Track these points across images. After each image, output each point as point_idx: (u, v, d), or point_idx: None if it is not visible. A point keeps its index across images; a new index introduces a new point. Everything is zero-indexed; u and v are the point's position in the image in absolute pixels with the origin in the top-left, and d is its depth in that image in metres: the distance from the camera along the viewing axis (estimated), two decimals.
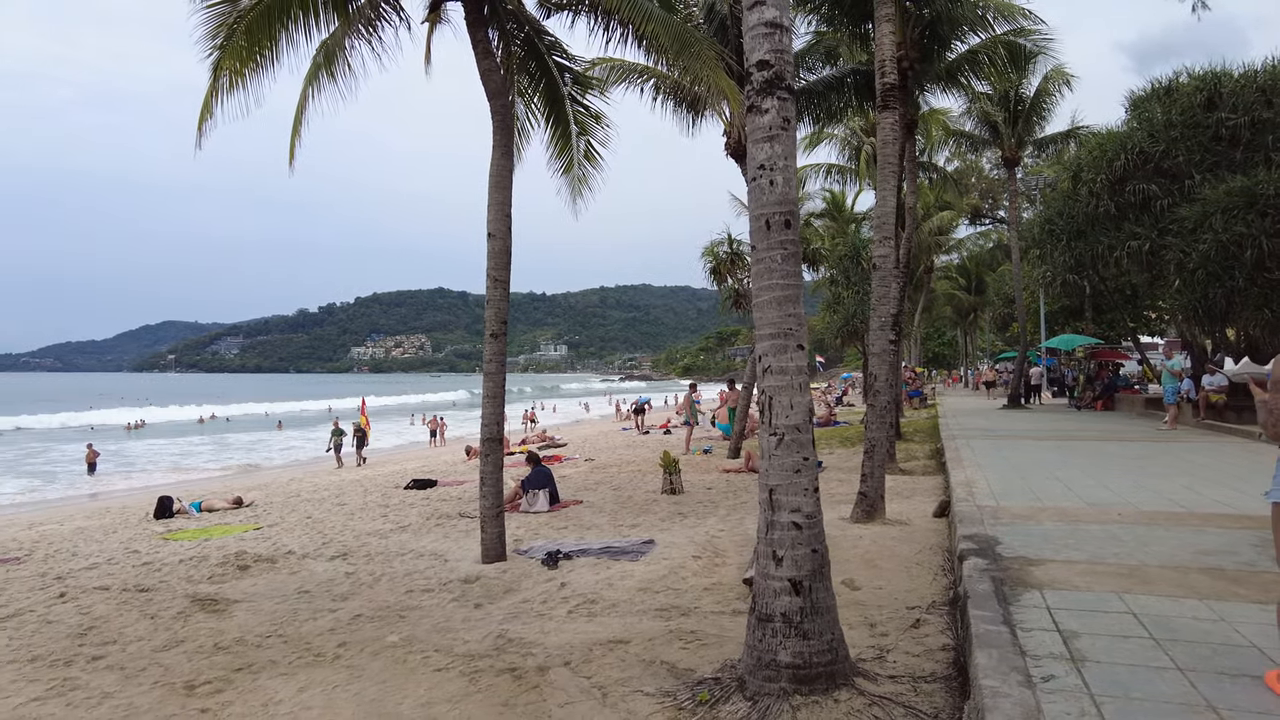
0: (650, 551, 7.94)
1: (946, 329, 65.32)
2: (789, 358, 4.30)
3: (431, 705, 4.28)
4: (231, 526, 11.21)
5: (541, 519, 10.17)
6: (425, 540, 9.11)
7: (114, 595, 6.96)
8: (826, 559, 4.32)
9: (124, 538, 10.81)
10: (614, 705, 4.19)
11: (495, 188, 7.83)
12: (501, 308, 7.82)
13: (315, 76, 8.72)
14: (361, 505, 12.57)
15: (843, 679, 4.07)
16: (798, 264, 4.41)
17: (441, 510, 11.32)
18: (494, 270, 7.78)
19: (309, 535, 9.90)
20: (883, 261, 9.18)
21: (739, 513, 10.10)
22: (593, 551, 7.92)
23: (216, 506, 13.89)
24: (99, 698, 4.63)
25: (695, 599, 6.25)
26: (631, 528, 9.34)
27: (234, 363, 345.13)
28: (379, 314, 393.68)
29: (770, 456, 4.30)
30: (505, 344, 7.86)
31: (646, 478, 13.91)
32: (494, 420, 7.78)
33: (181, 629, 5.88)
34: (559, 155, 10.06)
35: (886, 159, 9.34)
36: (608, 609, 6.02)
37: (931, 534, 8.11)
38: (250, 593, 6.90)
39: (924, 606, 5.69)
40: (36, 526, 13.61)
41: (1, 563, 9.37)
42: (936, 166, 29.01)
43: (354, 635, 5.58)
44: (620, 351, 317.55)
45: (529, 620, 5.79)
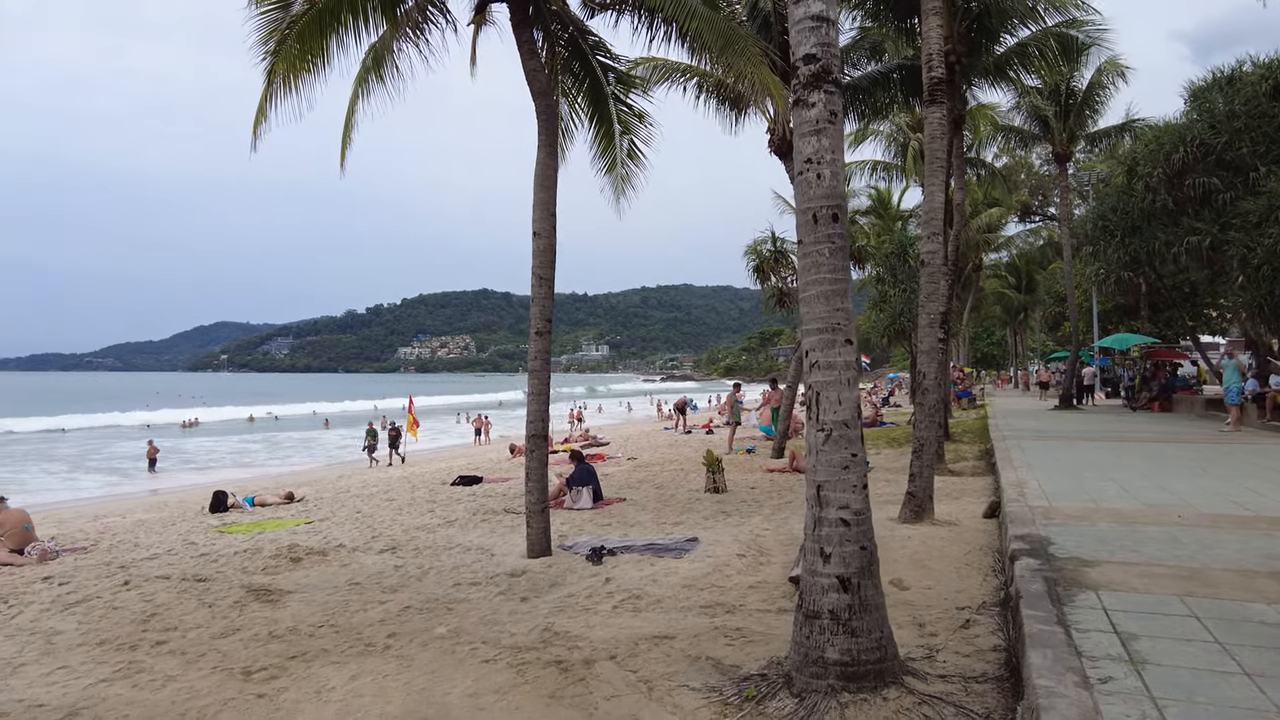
0: (694, 549, 7.93)
1: (996, 329, 64.03)
2: (837, 352, 4.26)
3: (479, 695, 4.33)
4: (284, 520, 11.49)
5: (585, 516, 10.22)
6: (471, 535, 9.22)
7: (174, 584, 7.18)
8: (875, 556, 4.27)
9: (182, 530, 11.15)
10: (660, 699, 4.19)
11: (540, 187, 7.90)
12: (546, 305, 7.88)
13: (364, 80, 8.90)
14: (409, 501, 12.78)
15: (892, 677, 4.02)
16: (846, 258, 4.37)
17: (487, 506, 11.46)
18: (539, 268, 7.85)
19: (358, 529, 10.09)
20: (931, 258, 9.03)
21: (784, 512, 10.03)
22: (637, 548, 7.94)
23: (269, 501, 14.24)
24: (162, 680, 4.78)
25: (740, 596, 6.23)
26: (675, 525, 9.34)
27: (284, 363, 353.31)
28: (425, 315, 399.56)
29: (818, 452, 4.27)
30: (550, 342, 7.92)
31: (689, 476, 13.89)
32: (539, 417, 7.85)
33: (238, 617, 6.05)
34: (602, 154, 10.10)
35: (934, 154, 9.19)
36: (652, 605, 6.03)
37: (981, 535, 7.96)
38: (303, 584, 7.07)
39: (974, 607, 5.59)
40: (101, 519, 14.11)
41: (70, 551, 9.74)
42: (985, 163, 28.46)
43: (403, 626, 5.68)
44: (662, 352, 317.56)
45: (574, 614, 5.83)
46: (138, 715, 4.28)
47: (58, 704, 4.47)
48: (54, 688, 4.73)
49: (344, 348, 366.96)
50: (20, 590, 7.40)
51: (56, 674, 4.98)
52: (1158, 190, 17.88)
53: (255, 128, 7.73)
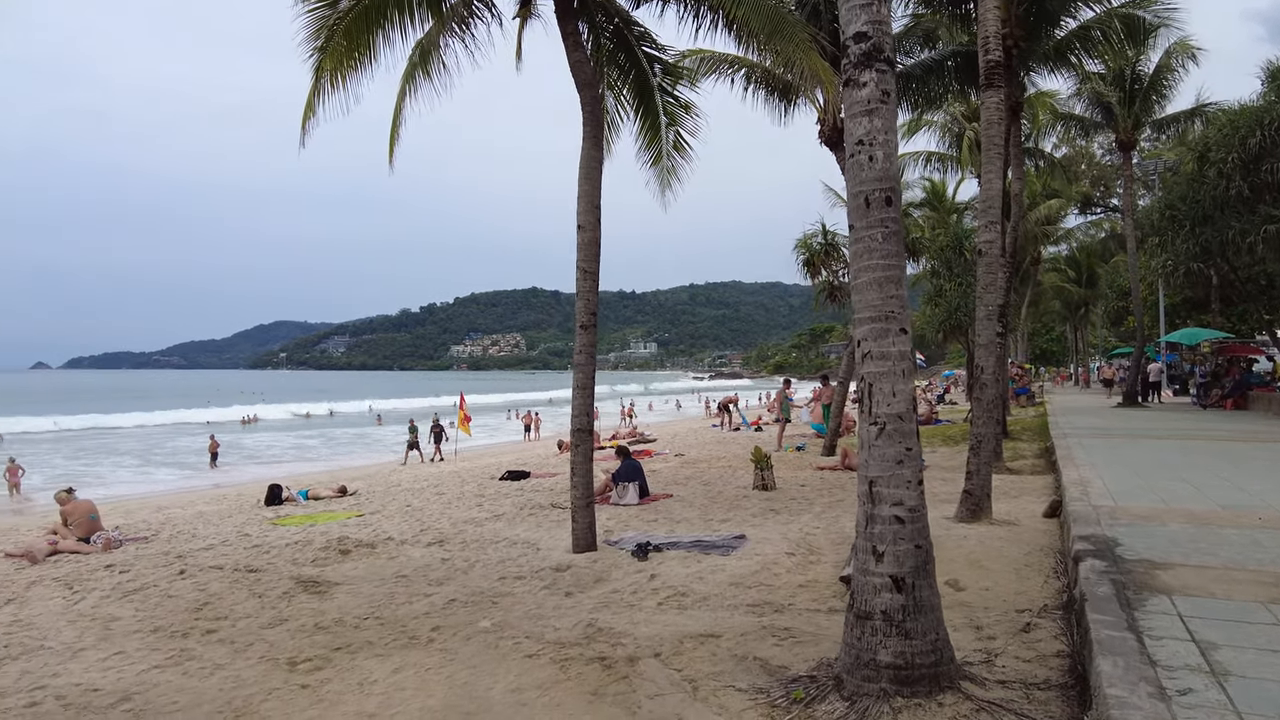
0: (742, 547, 7.78)
1: (1055, 324, 62.08)
2: (890, 342, 4.08)
3: (521, 691, 4.27)
4: (335, 513, 11.66)
5: (631, 511, 10.14)
6: (518, 529, 9.21)
7: (227, 574, 7.31)
8: (930, 555, 4.08)
9: (238, 522, 11.39)
10: (705, 699, 4.07)
11: (584, 179, 7.83)
12: (591, 299, 7.81)
13: (411, 76, 8.94)
14: (458, 495, 12.87)
15: (947, 682, 3.83)
16: (900, 243, 4.18)
17: (534, 501, 11.45)
18: (583, 262, 7.78)
19: (407, 522, 10.18)
20: (988, 248, 8.70)
21: (834, 510, 9.80)
22: (683, 545, 7.82)
23: (322, 494, 14.49)
24: (211, 668, 4.84)
25: (789, 595, 6.07)
26: (722, 522, 9.20)
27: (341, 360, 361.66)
28: (476, 313, 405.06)
29: (870, 447, 4.10)
30: (595, 335, 7.84)
31: (737, 473, 13.71)
32: (583, 411, 7.78)
33: (286, 608, 6.11)
34: (648, 147, 9.99)
35: (991, 140, 8.85)
36: (698, 602, 5.91)
37: (1041, 535, 7.65)
38: (350, 576, 7.12)
39: (1035, 610, 5.34)
40: (164, 510, 14.54)
41: (132, 540, 10.02)
42: (1044, 152, 27.57)
43: (448, 619, 5.66)
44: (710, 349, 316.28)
45: (619, 610, 5.74)
46: (185, 702, 4.32)
47: (112, 689, 4.55)
48: (109, 673, 4.82)
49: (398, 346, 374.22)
50: (85, 577, 7.62)
51: (112, 659, 5.08)
52: (1232, 176, 17.04)
53: (304, 124, 7.83)
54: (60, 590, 7.09)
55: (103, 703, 4.35)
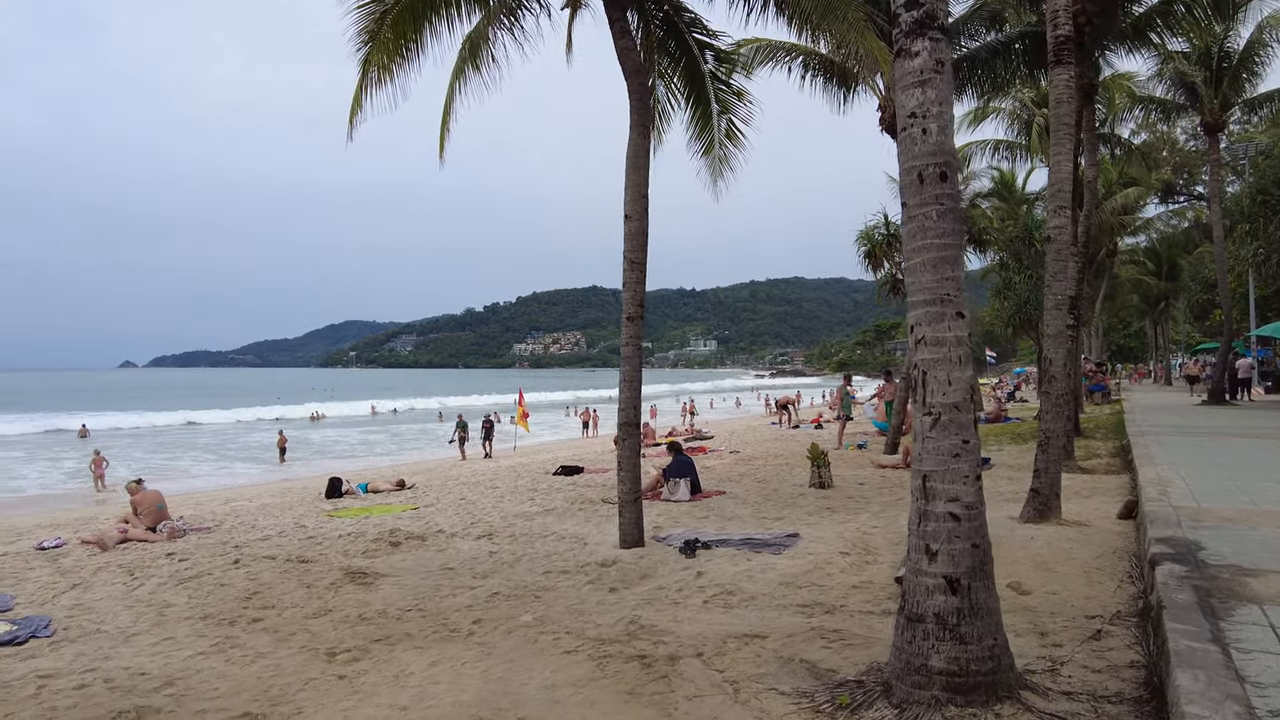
0: (794, 545, 7.53)
1: (1133, 320, 59.41)
2: (946, 326, 3.82)
3: (556, 688, 4.15)
4: (391, 506, 11.80)
5: (682, 508, 9.97)
6: (567, 524, 9.14)
7: (279, 564, 7.41)
8: (989, 555, 3.81)
9: (297, 514, 11.62)
10: (745, 702, 3.89)
11: (632, 168, 7.69)
12: (638, 290, 7.66)
13: (461, 70, 8.94)
14: (511, 489, 12.90)
15: (1006, 691, 3.56)
16: (956, 222, 3.92)
17: (585, 496, 11.38)
18: (630, 252, 7.64)
19: (460, 515, 10.22)
20: (1057, 233, 8.24)
21: (894, 509, 9.44)
22: (733, 542, 7.62)
23: (381, 488, 14.73)
24: (253, 656, 4.86)
25: (842, 596, 5.82)
26: (775, 520, 8.95)
27: (408, 359, 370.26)
28: (538, 312, 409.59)
29: (924, 439, 3.85)
30: (642, 327, 7.70)
31: (793, 471, 13.40)
32: (631, 404, 7.64)
33: (332, 599, 6.14)
34: (699, 136, 9.79)
35: (1060, 120, 8.37)
36: (745, 601, 5.71)
37: (1115, 537, 7.20)
38: (398, 568, 7.14)
39: (1106, 616, 4.98)
40: (231, 502, 14.99)
41: (196, 530, 10.31)
42: (1120, 139, 26.28)
43: (489, 613, 5.60)
44: (771, 346, 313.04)
45: (662, 607, 5.59)
46: (225, 689, 4.34)
47: (158, 673, 4.61)
48: (157, 658, 4.90)
49: (463, 344, 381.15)
50: (147, 564, 7.83)
51: (162, 645, 5.16)
52: None
53: (351, 118, 7.88)
54: (123, 576, 7.29)
55: (147, 686, 4.41)
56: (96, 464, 22.95)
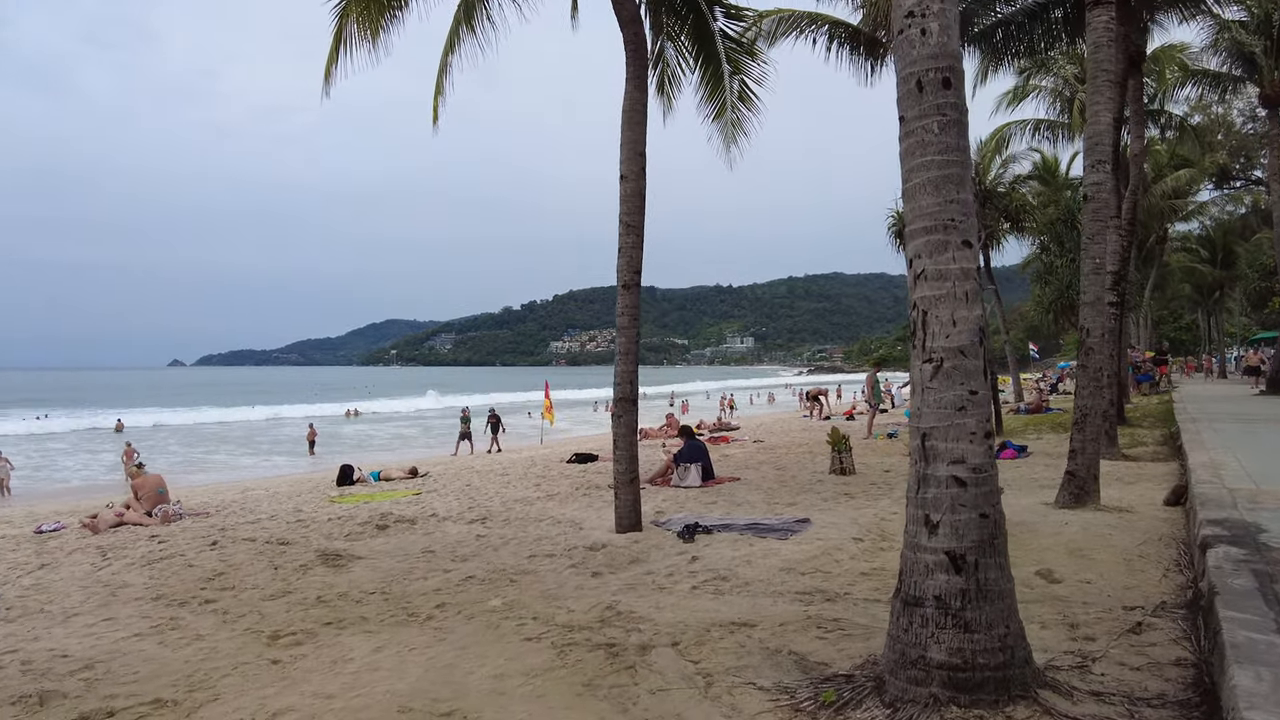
0: (803, 531, 6.95)
1: (1184, 311, 57.15)
2: (950, 257, 3.24)
3: (504, 678, 3.65)
4: (395, 492, 11.45)
5: (691, 494, 9.42)
6: (568, 508, 8.66)
7: (257, 546, 7.05)
8: (1000, 528, 3.22)
9: (300, 501, 11.32)
10: (715, 698, 3.35)
11: (628, 124, 7.15)
12: (635, 256, 7.13)
13: (456, 33, 8.50)
14: (520, 476, 12.47)
15: (1020, 689, 2.97)
16: (961, 136, 3.33)
17: (594, 482, 10.89)
18: (626, 215, 7.10)
19: (460, 500, 9.80)
20: (1095, 190, 7.51)
21: None
22: (737, 527, 7.05)
23: (393, 475, 14.40)
24: (190, 639, 4.46)
25: (847, 584, 5.24)
26: (788, 506, 8.36)
27: (448, 357, 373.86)
28: (574, 310, 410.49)
29: (924, 391, 3.27)
30: (639, 297, 7.17)
31: (815, 459, 12.76)
32: (627, 378, 7.12)
33: (297, 581, 5.73)
34: (710, 98, 9.22)
35: (1099, 66, 7.63)
36: (738, 588, 5.16)
37: (1161, 524, 6.50)
38: (376, 550, 6.72)
39: (1148, 607, 4.34)
40: (248, 491, 14.80)
41: (193, 515, 10.05)
42: (1171, 115, 24.97)
43: (456, 597, 5.13)
44: (809, 343, 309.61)
45: (645, 593, 5.06)
46: (146, 673, 3.93)
47: (81, 656, 4.22)
48: (87, 639, 4.52)
49: (500, 343, 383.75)
50: (125, 546, 7.54)
51: (99, 626, 4.79)
52: None
53: (327, 73, 7.45)
54: (94, 557, 7.00)
55: (64, 669, 4.01)
56: (128, 455, 23.13)
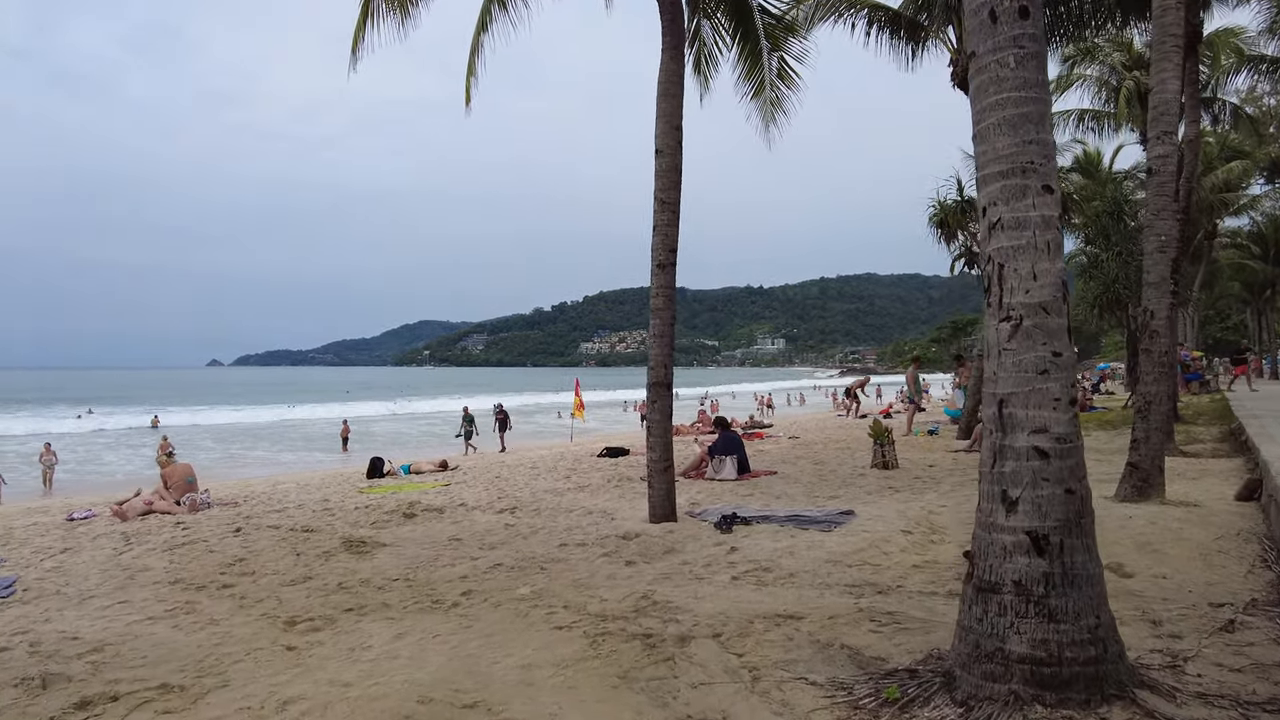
0: (848, 523, 6.60)
1: (1232, 311, 55.34)
2: (1030, 204, 2.89)
3: (533, 668, 3.38)
4: (424, 483, 11.27)
5: (727, 486, 9.09)
6: (599, 499, 8.39)
7: (281, 534, 6.87)
8: (1087, 505, 2.88)
9: (329, 492, 11.18)
10: (764, 693, 3.04)
11: (663, 96, 6.85)
12: (670, 234, 6.83)
13: (488, 11, 8.29)
14: (550, 469, 12.23)
15: (1115, 688, 2.62)
16: (1041, 70, 2.99)
17: (625, 474, 10.61)
18: (661, 191, 6.81)
19: (488, 491, 9.58)
20: (1161, 165, 7.05)
21: (966, 489, 8.37)
22: (777, 519, 6.72)
23: (423, 468, 14.25)
24: (204, 623, 4.25)
25: (899, 576, 4.90)
26: (830, 499, 7.99)
27: (479, 358, 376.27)
28: (604, 311, 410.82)
29: (1001, 353, 2.93)
30: (674, 276, 6.87)
31: (854, 454, 12.35)
32: (661, 362, 6.82)
33: (319, 567, 5.52)
34: (749, 75, 8.89)
35: (1165, 30, 7.16)
36: (783, 579, 4.84)
37: (1236, 518, 6.05)
38: (403, 538, 6.50)
39: (1239, 605, 3.95)
40: (278, 484, 14.76)
41: (221, 504, 9.95)
42: (1226, 103, 24.03)
43: (484, 584, 4.87)
44: (842, 345, 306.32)
45: (682, 582, 4.76)
46: (155, 656, 3.72)
47: (92, 638, 4.02)
48: (99, 622, 4.33)
49: (531, 343, 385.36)
50: (149, 532, 7.41)
51: (114, 609, 4.61)
52: None
53: (355, 46, 7.26)
54: (117, 542, 6.87)
55: (71, 651, 3.82)
56: (163, 447, 23.38)
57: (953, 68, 13.96)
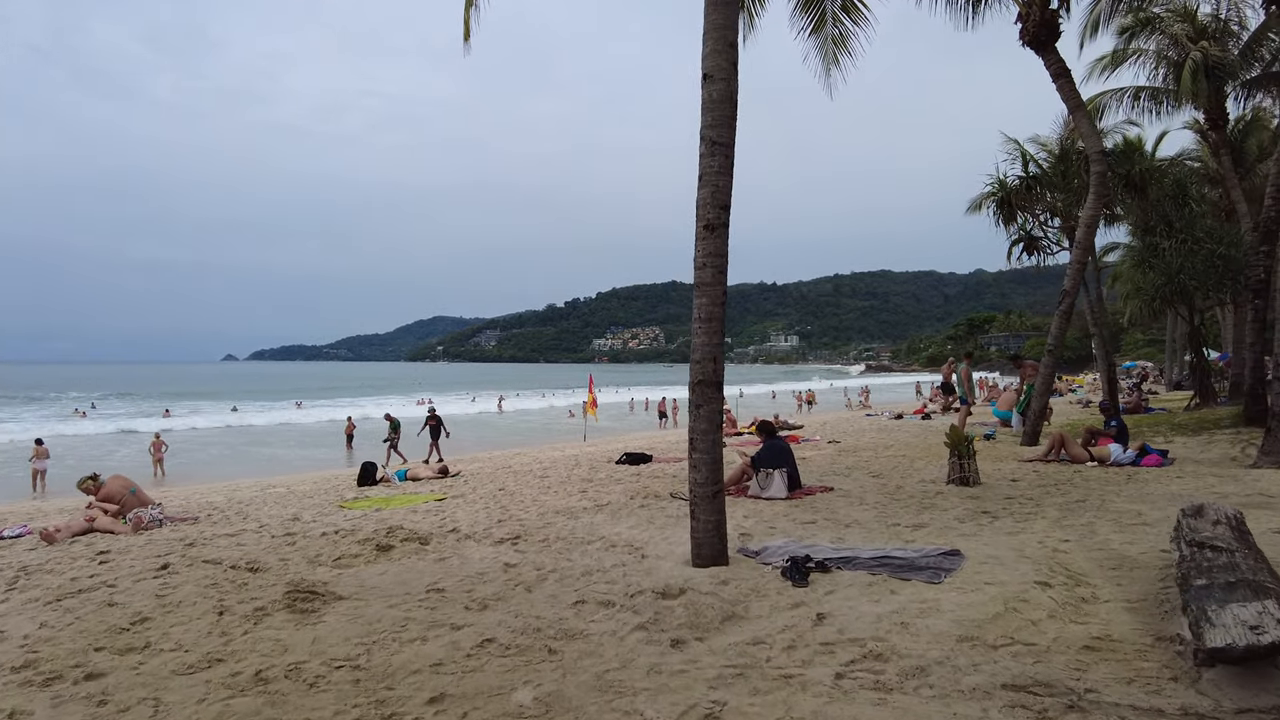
0: (957, 568, 4.97)
1: None
2: None
3: None
4: (415, 496, 9.72)
5: (778, 508, 7.46)
6: (622, 524, 6.78)
7: (218, 573, 5.31)
8: None
9: (307, 504, 9.70)
10: None
11: (712, 6, 5.20)
12: (722, 184, 5.19)
13: None
14: (563, 480, 10.64)
15: None
16: None
17: (650, 488, 9.00)
18: (711, 128, 5.16)
19: (487, 510, 8.00)
20: None
21: (1078, 514, 6.72)
22: (862, 561, 5.10)
23: (421, 475, 12.74)
24: None
25: (1075, 668, 3.29)
26: (914, 529, 6.35)
27: (492, 353, 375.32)
28: (617, 307, 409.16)
29: None
30: (726, 241, 5.23)
31: (915, 465, 10.70)
32: (709, 355, 5.18)
33: (241, 640, 3.93)
34: (806, 7, 7.25)
35: None
36: (909, 676, 3.23)
37: None
38: (368, 585, 4.92)
39: None
40: (268, 489, 13.34)
41: (175, 521, 8.45)
42: None
43: (464, 683, 3.27)
44: (856, 342, 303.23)
45: (762, 684, 3.15)
46: None
47: None
48: None
49: (544, 339, 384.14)
50: (53, 568, 5.89)
51: None
52: None
53: None
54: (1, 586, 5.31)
55: None
56: (156, 447, 21.94)
57: (1021, 24, 12.27)
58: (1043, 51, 11.79)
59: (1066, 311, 12.11)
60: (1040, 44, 11.73)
